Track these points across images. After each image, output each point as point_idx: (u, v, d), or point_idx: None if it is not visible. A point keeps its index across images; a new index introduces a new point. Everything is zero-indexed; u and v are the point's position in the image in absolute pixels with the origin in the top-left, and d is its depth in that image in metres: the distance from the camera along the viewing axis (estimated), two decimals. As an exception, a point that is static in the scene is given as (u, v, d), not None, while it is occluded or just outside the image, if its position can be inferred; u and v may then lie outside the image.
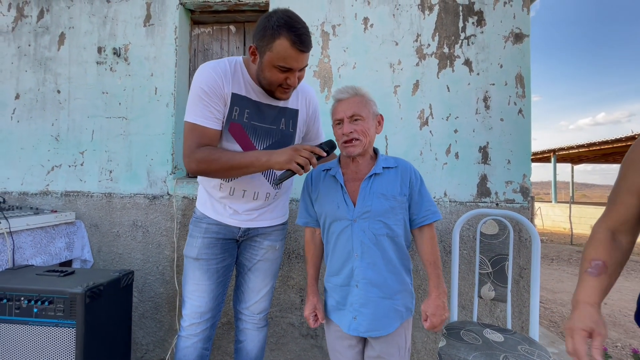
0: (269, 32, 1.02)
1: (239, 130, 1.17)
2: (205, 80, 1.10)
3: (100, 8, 2.04)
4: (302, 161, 1.01)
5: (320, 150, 1.06)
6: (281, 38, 1.01)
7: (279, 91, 1.14)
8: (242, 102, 1.16)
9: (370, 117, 1.14)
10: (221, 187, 1.23)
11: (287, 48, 1.01)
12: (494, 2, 1.85)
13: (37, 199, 2.03)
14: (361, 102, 1.13)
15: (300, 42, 1.02)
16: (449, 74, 1.86)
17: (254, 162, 1.08)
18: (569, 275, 5.12)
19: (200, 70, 1.13)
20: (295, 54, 1.03)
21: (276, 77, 1.08)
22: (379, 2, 1.91)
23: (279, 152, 1.06)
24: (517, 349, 1.25)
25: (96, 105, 2.02)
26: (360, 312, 1.13)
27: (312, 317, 1.22)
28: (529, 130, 1.82)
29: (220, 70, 1.12)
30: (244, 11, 2.07)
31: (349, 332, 1.14)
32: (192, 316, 1.25)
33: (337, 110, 1.14)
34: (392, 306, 1.14)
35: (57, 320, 1.24)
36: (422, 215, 1.17)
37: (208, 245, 1.25)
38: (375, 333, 1.12)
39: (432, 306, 1.12)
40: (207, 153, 1.09)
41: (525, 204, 1.79)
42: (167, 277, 1.96)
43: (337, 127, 1.15)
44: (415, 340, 1.83)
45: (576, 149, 11.56)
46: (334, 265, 1.19)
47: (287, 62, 1.04)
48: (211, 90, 1.09)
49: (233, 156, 1.09)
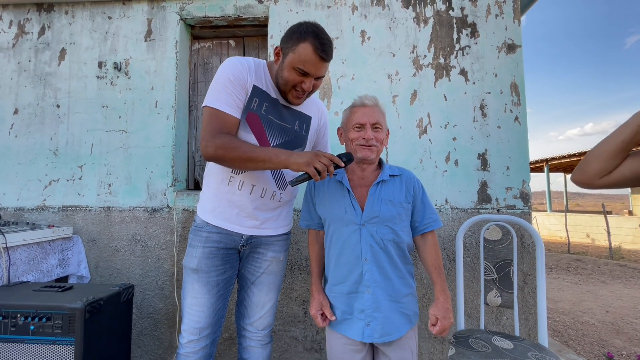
0: (296, 36, 1.10)
1: (255, 120, 1.19)
2: (231, 70, 1.14)
3: (102, 24, 2.07)
4: (320, 167, 1.02)
5: (340, 160, 1.07)
6: (306, 42, 1.08)
7: (292, 94, 1.18)
8: (262, 95, 1.20)
9: (384, 129, 1.23)
10: (230, 180, 1.21)
11: (310, 52, 1.08)
12: (486, 14, 1.92)
13: (33, 215, 2.00)
14: (382, 113, 1.22)
15: (323, 49, 1.09)
16: (445, 83, 1.91)
17: (272, 158, 1.08)
18: (569, 284, 5.11)
19: (227, 62, 1.17)
20: (316, 60, 1.09)
21: (293, 78, 1.13)
22: (376, 15, 1.97)
23: (299, 154, 1.06)
24: (527, 355, 1.24)
25: (96, 119, 2.02)
26: (373, 317, 1.12)
27: (320, 315, 1.20)
28: (526, 136, 1.85)
29: (246, 63, 1.18)
30: (244, 26, 2.11)
31: (363, 339, 1.12)
32: (191, 332, 1.20)
33: (360, 115, 1.19)
34: (400, 310, 1.15)
35: (55, 338, 1.20)
36: (424, 222, 1.22)
37: (208, 255, 1.21)
38: (389, 337, 1.12)
39: (442, 309, 1.13)
40: (227, 140, 1.09)
41: (526, 209, 1.80)
42: (167, 291, 1.91)
43: (356, 131, 1.19)
44: (422, 350, 1.79)
45: (568, 159, 11.75)
46: (340, 272, 1.19)
47: (306, 67, 1.10)
48: (236, 79, 1.14)
49: (253, 148, 1.10)
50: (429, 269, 1.21)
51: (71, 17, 2.10)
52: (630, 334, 3.09)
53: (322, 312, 1.20)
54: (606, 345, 2.85)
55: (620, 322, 3.41)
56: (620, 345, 2.86)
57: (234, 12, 2.02)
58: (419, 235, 1.23)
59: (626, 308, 3.88)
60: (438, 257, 1.21)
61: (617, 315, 3.63)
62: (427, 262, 1.21)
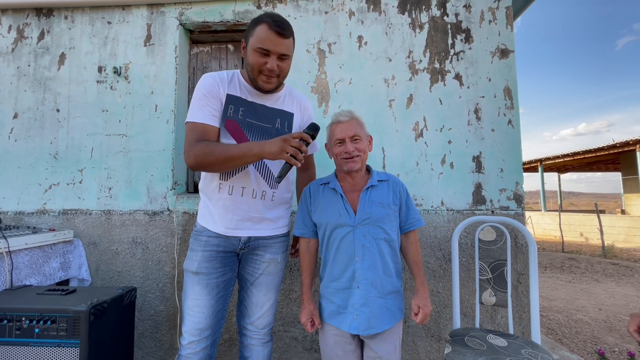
0: (253, 22, 1.19)
1: (234, 126, 1.24)
2: (202, 84, 1.23)
3: (101, 29, 2.09)
4: (292, 151, 1.07)
5: (308, 136, 1.13)
6: (261, 24, 1.16)
7: (261, 79, 1.22)
8: (237, 102, 1.26)
9: (364, 138, 1.31)
10: (220, 187, 1.26)
11: (266, 31, 1.15)
12: (479, 20, 1.96)
13: (33, 218, 2.01)
14: (358, 124, 1.29)
15: (277, 25, 1.15)
16: (440, 87, 1.95)
17: (246, 152, 1.13)
18: (563, 282, 5.18)
19: (200, 79, 1.26)
20: (273, 37, 1.15)
21: (256, 61, 1.18)
22: (372, 21, 2.01)
23: (270, 143, 1.11)
24: (521, 352, 1.28)
25: (96, 123, 2.04)
26: (360, 311, 1.22)
27: (309, 322, 1.29)
28: (519, 139, 1.90)
29: (217, 76, 1.26)
30: (242, 31, 2.14)
31: (350, 330, 1.22)
32: (191, 333, 1.23)
33: (338, 131, 1.28)
34: (385, 305, 1.24)
35: (59, 340, 1.22)
36: (409, 222, 1.34)
37: (208, 258, 1.25)
38: (373, 330, 1.21)
39: (422, 299, 1.25)
40: (203, 146, 1.16)
41: (520, 210, 1.85)
42: (168, 294, 1.93)
43: (338, 146, 1.29)
44: (419, 349, 1.83)
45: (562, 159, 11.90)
46: (335, 270, 1.28)
47: (265, 44, 1.15)
48: (208, 92, 1.21)
49: (226, 148, 1.15)
50: (410, 264, 1.34)
51: (71, 22, 2.11)
52: (622, 331, 3.16)
53: (311, 319, 1.29)
54: (599, 342, 2.91)
55: (613, 320, 3.47)
56: (612, 342, 2.92)
57: (233, 18, 2.05)
58: (403, 234, 1.35)
59: (618, 306, 3.96)
60: (418, 253, 1.34)
61: (610, 312, 3.70)
62: (409, 258, 1.34)
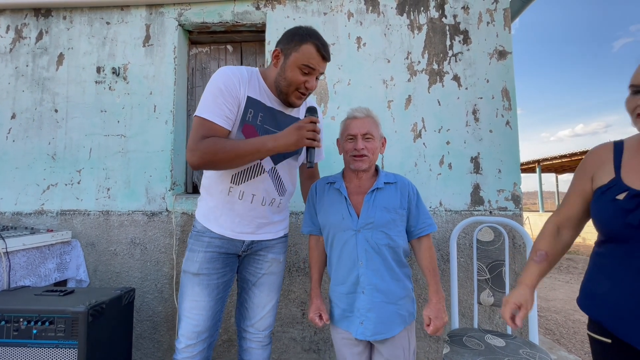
0: (297, 38, 1.15)
1: (252, 132, 1.19)
2: (223, 80, 1.14)
3: (100, 30, 2.09)
4: (311, 135, 1.07)
5: (316, 118, 1.11)
6: (308, 43, 1.14)
7: (295, 95, 1.19)
8: (257, 106, 1.20)
9: (377, 138, 1.26)
10: (230, 190, 1.22)
11: (313, 52, 1.14)
12: (477, 22, 1.97)
13: (31, 219, 2.00)
14: (373, 123, 1.25)
15: (324, 49, 1.16)
16: (439, 88, 1.96)
17: (260, 148, 1.08)
18: (561, 282, 5.20)
19: (219, 72, 1.16)
20: (319, 59, 1.16)
21: (297, 78, 1.16)
22: (371, 22, 2.01)
23: (284, 135, 1.09)
24: (519, 352, 1.28)
25: (94, 124, 2.04)
26: (366, 316, 1.18)
27: (317, 317, 1.26)
28: (517, 140, 1.91)
29: (238, 73, 1.18)
30: (241, 32, 2.15)
31: (357, 336, 1.18)
32: (189, 337, 1.20)
33: (352, 127, 1.24)
34: (396, 311, 1.20)
35: (57, 341, 1.22)
36: (419, 227, 1.26)
37: (210, 259, 1.22)
38: (380, 336, 1.17)
39: (434, 310, 1.19)
40: (211, 142, 1.08)
41: (517, 211, 1.85)
42: (166, 294, 1.93)
43: (349, 142, 1.24)
44: (418, 349, 1.83)
45: (559, 159, 11.93)
46: (340, 274, 1.24)
47: (312, 63, 1.15)
48: (227, 89, 1.13)
49: (238, 144, 1.09)
50: (423, 271, 1.26)
51: (69, 22, 2.11)
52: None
53: (319, 314, 1.26)
54: (596, 342, 2.92)
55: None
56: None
57: (232, 18, 2.05)
58: (415, 239, 1.28)
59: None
60: (433, 259, 1.25)
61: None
62: (422, 265, 1.27)
